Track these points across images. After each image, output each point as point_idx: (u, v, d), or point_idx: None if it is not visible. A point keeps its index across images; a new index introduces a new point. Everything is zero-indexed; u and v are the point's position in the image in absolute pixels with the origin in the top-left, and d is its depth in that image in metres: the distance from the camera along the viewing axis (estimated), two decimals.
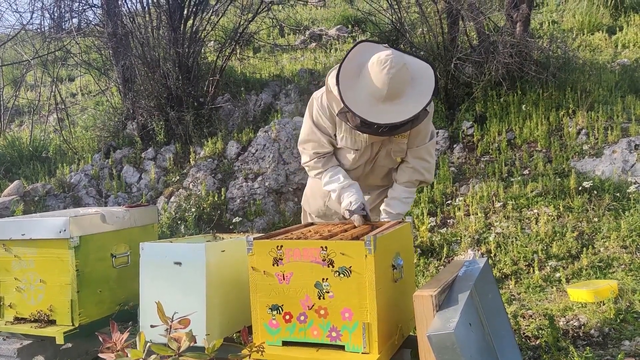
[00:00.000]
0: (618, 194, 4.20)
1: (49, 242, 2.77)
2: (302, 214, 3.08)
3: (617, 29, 7.02)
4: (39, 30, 7.53)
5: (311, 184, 2.91)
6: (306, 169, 2.73)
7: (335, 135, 2.58)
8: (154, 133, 6.13)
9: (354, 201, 2.50)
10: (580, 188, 4.28)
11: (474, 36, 6.14)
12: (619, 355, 2.37)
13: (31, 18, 19.95)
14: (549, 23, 7.49)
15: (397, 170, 2.71)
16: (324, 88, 2.51)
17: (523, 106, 5.37)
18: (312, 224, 2.80)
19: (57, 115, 7.25)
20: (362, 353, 2.04)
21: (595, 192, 4.26)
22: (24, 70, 7.93)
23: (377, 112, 2.26)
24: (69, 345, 2.92)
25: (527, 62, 5.55)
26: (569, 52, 5.97)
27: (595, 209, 4.12)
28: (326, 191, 2.68)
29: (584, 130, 4.94)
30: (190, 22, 6.47)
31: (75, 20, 7.09)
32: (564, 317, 3.00)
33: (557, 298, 3.30)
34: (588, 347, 2.59)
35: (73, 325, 2.73)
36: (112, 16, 6.61)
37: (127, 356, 1.60)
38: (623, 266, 3.56)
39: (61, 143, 6.81)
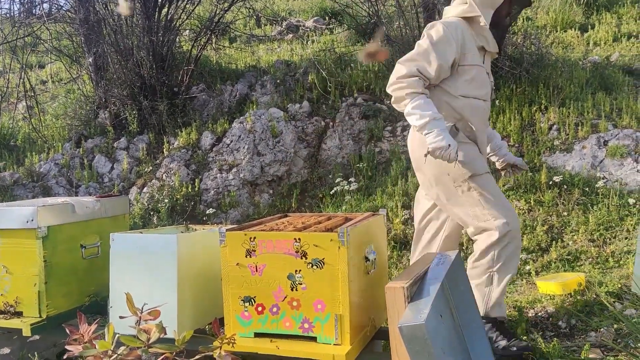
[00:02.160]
0: (587, 189, 4.29)
1: (16, 232, 2.71)
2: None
3: (589, 26, 7.15)
4: (8, 15, 7.32)
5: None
6: (395, 86, 2.48)
7: (453, 61, 2.51)
8: (126, 122, 6.02)
9: (452, 145, 2.37)
10: (550, 182, 4.35)
11: None
12: (585, 346, 2.43)
13: (0, 2, 19.42)
14: (523, 19, 7.57)
15: None
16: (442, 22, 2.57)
17: (497, 101, 5.43)
18: (286, 215, 2.79)
19: (26, 102, 7.07)
20: (334, 344, 2.05)
21: (565, 186, 4.34)
22: None
23: None
24: (37, 337, 2.87)
25: (502, 58, 5.61)
26: (542, 48, 6.05)
27: (565, 203, 4.20)
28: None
29: (555, 126, 5.02)
30: (165, 10, 6.36)
31: (45, 6, 6.94)
32: (533, 308, 3.06)
33: (527, 290, 3.36)
34: (555, 338, 2.65)
35: (40, 317, 2.68)
36: (84, 2, 6.46)
37: (95, 348, 1.57)
38: (590, 259, 3.64)
39: (30, 131, 6.65)
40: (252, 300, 2.16)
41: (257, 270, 2.15)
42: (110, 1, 6.53)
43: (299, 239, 2.08)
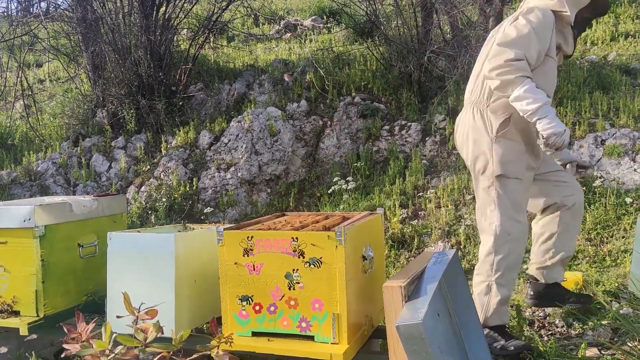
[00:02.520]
0: (584, 188, 4.29)
1: (13, 231, 2.70)
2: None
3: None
4: (5, 13, 7.31)
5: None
6: (504, 69, 2.36)
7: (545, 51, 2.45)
8: (124, 121, 6.02)
9: (567, 130, 2.31)
10: None
11: (448, 30, 6.18)
12: (582, 345, 2.43)
13: None
14: None
15: None
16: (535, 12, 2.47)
17: None
18: (283, 214, 2.79)
19: (23, 101, 7.06)
20: (332, 343, 2.05)
21: None
22: None
23: None
24: (34, 336, 2.86)
25: None
26: None
27: None
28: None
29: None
30: (163, 9, 6.35)
31: (43, 4, 6.92)
32: (531, 307, 3.06)
33: (525, 289, 3.36)
34: (553, 337, 2.66)
35: (38, 316, 2.68)
36: (82, 1, 6.45)
37: (92, 347, 1.57)
38: (587, 258, 3.64)
39: (28, 130, 6.64)
40: (250, 299, 2.16)
41: (254, 270, 2.15)
42: (107, 0, 6.51)
43: (297, 238, 2.08)
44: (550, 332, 2.79)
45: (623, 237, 3.78)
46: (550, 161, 2.76)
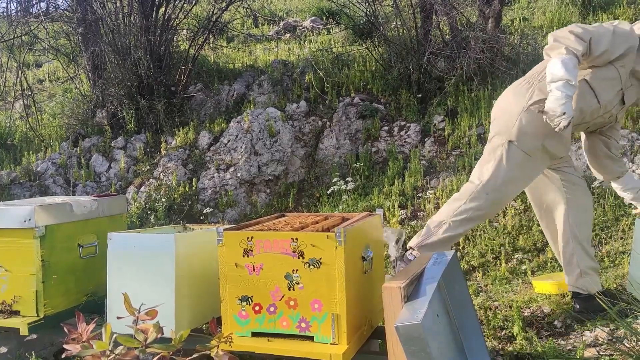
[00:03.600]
0: None
1: (14, 231, 2.71)
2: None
3: None
4: (5, 13, 7.31)
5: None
6: (562, 34, 2.45)
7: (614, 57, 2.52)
8: (124, 122, 6.02)
9: (567, 115, 2.36)
10: None
11: (447, 31, 6.19)
12: (580, 346, 2.45)
13: None
14: (520, 20, 7.59)
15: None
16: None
17: (493, 101, 5.44)
18: (283, 215, 2.80)
19: (23, 101, 7.06)
20: (331, 344, 2.06)
21: None
22: None
23: None
24: (34, 336, 2.87)
25: (498, 58, 5.62)
26: (539, 49, 6.06)
27: None
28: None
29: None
30: (163, 9, 6.36)
31: (43, 4, 6.92)
32: (529, 308, 3.07)
33: (523, 290, 3.38)
34: (551, 338, 2.67)
35: (38, 316, 2.68)
36: (82, 1, 6.46)
37: (92, 348, 1.58)
38: None
39: (27, 130, 6.64)
40: (250, 299, 2.17)
41: (254, 270, 2.15)
42: (107, 0, 6.52)
43: (296, 238, 2.09)
44: (548, 333, 2.80)
45: (621, 238, 3.79)
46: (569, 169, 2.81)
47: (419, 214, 4.53)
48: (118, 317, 1.71)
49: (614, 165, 2.94)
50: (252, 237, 2.15)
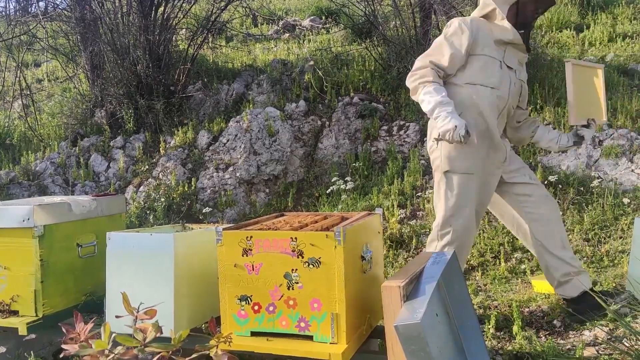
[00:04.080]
0: (582, 188, 4.31)
1: (12, 231, 2.70)
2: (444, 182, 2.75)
3: (585, 27, 7.17)
4: (3, 13, 7.30)
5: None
6: (411, 78, 2.68)
7: (466, 50, 2.65)
8: (123, 121, 6.02)
9: (459, 125, 2.46)
10: (545, 182, 4.37)
11: None
12: (580, 345, 2.44)
13: None
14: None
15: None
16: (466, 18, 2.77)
17: None
18: (282, 214, 2.80)
19: (22, 101, 7.06)
20: (330, 343, 2.06)
21: (560, 186, 4.36)
22: None
23: None
24: (32, 336, 2.86)
25: None
26: (538, 48, 6.07)
27: (560, 202, 4.21)
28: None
29: (551, 126, 5.04)
30: (161, 9, 6.35)
31: (41, 4, 6.92)
32: (528, 307, 3.07)
33: (522, 289, 3.38)
34: (550, 337, 2.67)
35: (37, 315, 2.68)
36: (81, 0, 6.45)
37: (91, 347, 1.58)
38: (585, 259, 3.65)
39: (26, 130, 6.63)
40: (249, 299, 2.16)
41: (253, 269, 2.15)
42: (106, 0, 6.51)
43: (296, 238, 2.09)
44: (548, 332, 2.80)
45: (621, 237, 3.80)
46: (515, 169, 2.85)
47: (418, 213, 4.53)
48: (117, 317, 1.71)
49: (527, 130, 3.01)
50: (251, 237, 2.15)
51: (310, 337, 2.10)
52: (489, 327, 2.77)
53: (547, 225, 2.80)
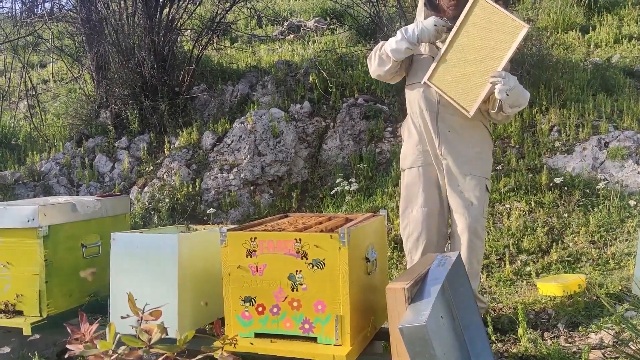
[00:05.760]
0: (587, 190, 4.29)
1: (17, 231, 2.71)
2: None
3: (590, 28, 7.15)
4: (9, 14, 7.33)
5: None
6: (369, 62, 2.86)
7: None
8: (127, 122, 6.03)
9: (417, 24, 2.74)
10: (551, 184, 4.35)
11: None
12: (585, 348, 2.43)
13: (1, 1, 19.46)
14: (524, 21, 7.58)
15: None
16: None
17: None
18: (286, 215, 2.79)
19: (27, 102, 7.08)
20: (335, 345, 2.05)
21: (565, 188, 4.34)
22: None
23: None
24: (37, 336, 2.87)
25: None
26: (543, 50, 6.04)
27: (565, 204, 4.20)
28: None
29: (556, 127, 5.02)
30: (167, 10, 6.36)
31: (47, 5, 6.94)
32: (533, 310, 3.06)
33: (527, 291, 3.36)
34: (555, 340, 2.65)
35: (41, 316, 2.68)
36: (86, 1, 6.47)
37: (96, 347, 1.57)
38: (591, 261, 3.64)
39: (31, 130, 6.65)
40: (253, 300, 2.16)
41: (257, 271, 2.15)
42: (112, 0, 6.53)
43: (300, 239, 2.08)
44: (553, 335, 2.78)
45: (627, 239, 3.78)
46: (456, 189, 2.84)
47: None
48: (122, 317, 1.71)
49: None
50: (255, 238, 2.14)
51: (314, 339, 2.09)
52: (494, 329, 2.76)
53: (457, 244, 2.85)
